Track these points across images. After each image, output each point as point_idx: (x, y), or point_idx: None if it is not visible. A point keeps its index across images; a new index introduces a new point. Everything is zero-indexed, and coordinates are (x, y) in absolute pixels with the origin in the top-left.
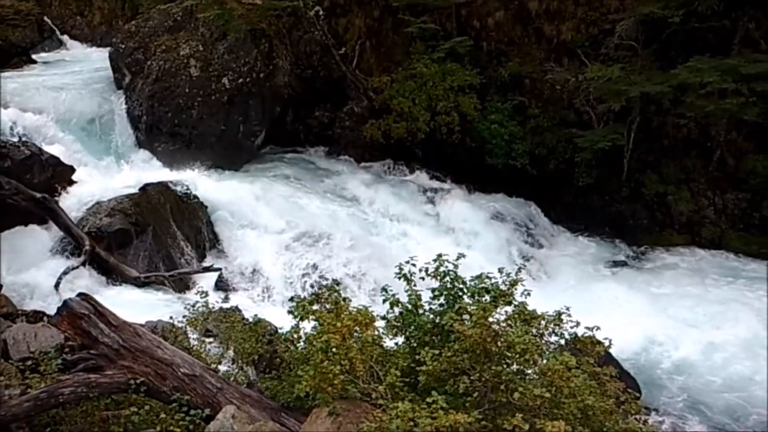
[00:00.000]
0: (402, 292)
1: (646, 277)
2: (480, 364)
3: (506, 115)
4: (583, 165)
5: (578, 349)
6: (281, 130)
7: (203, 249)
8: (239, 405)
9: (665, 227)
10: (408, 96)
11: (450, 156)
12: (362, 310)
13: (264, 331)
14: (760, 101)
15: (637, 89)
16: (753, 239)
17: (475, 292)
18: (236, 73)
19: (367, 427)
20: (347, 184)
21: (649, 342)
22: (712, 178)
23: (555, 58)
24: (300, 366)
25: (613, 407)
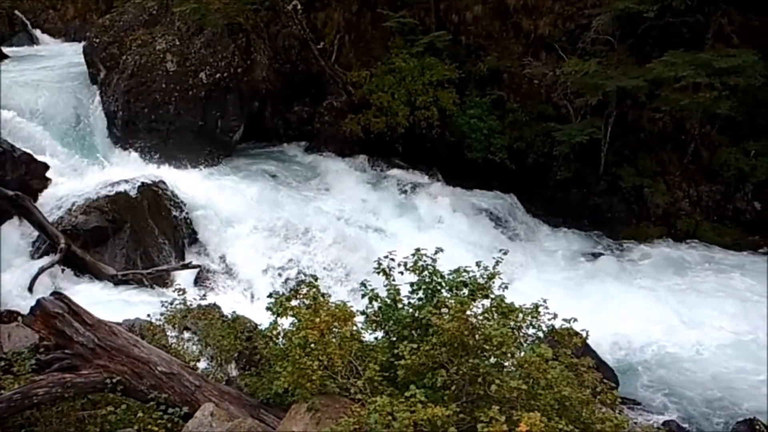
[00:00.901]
0: (381, 286)
1: (624, 269)
2: (458, 357)
3: (485, 109)
4: (561, 159)
5: (556, 340)
6: (260, 125)
7: (182, 246)
8: (218, 402)
9: (642, 219)
10: (387, 90)
11: (430, 150)
12: (340, 306)
13: (243, 327)
14: (733, 95)
15: (614, 83)
16: (726, 231)
17: (453, 286)
18: (213, 67)
19: (346, 422)
20: (327, 179)
21: (628, 333)
22: (686, 170)
23: (533, 53)
24: (278, 362)
25: (589, 398)
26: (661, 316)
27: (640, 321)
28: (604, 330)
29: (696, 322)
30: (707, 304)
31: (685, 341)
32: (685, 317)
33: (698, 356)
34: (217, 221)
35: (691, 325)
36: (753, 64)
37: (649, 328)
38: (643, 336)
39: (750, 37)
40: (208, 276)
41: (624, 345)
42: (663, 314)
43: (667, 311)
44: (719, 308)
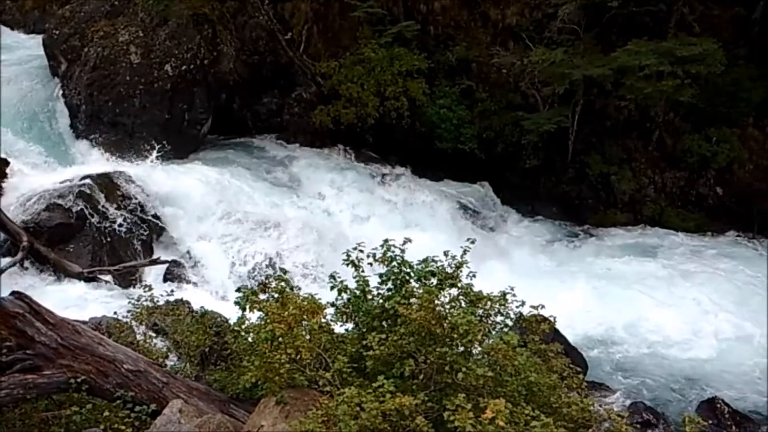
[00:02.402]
0: (351, 278)
1: (593, 255)
2: (425, 346)
3: (454, 99)
4: (529, 147)
5: (525, 327)
6: (228, 117)
7: (150, 242)
8: (186, 399)
9: (609, 206)
10: (356, 81)
11: (400, 141)
12: (309, 298)
13: (212, 323)
14: (695, 83)
15: (580, 72)
16: (690, 216)
17: (422, 276)
18: (179, 59)
19: (314, 415)
20: (297, 171)
21: (598, 318)
22: (651, 157)
23: (501, 42)
24: (246, 357)
25: (556, 382)
26: (629, 300)
27: (609, 306)
28: (574, 315)
29: (664, 306)
30: (675, 288)
31: (654, 326)
32: (653, 302)
33: (666, 340)
34: (186, 216)
35: (659, 309)
36: (713, 52)
37: (618, 312)
38: (613, 321)
39: (710, 26)
40: (177, 271)
41: (593, 330)
42: (631, 299)
43: (636, 296)
44: (687, 293)
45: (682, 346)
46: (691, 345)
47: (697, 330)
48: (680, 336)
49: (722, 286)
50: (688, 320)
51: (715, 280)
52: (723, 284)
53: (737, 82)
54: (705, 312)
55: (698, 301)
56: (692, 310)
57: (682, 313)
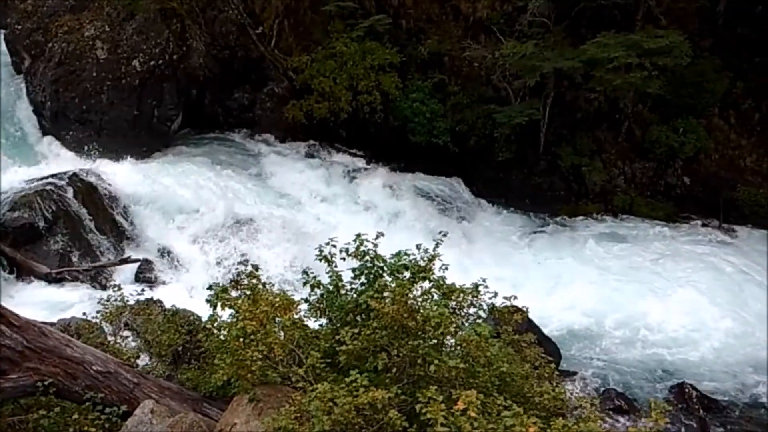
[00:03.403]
0: (324, 273)
1: (565, 246)
2: (398, 339)
3: (427, 93)
4: (502, 140)
5: (498, 318)
6: (199, 113)
7: (121, 240)
8: (158, 399)
9: (581, 197)
10: (329, 76)
11: (373, 135)
12: (281, 295)
13: (183, 321)
14: (662, 74)
15: (551, 65)
16: (659, 205)
17: (395, 270)
18: (147, 55)
19: (287, 411)
20: (270, 166)
21: (571, 308)
22: (621, 148)
23: (472, 36)
24: (218, 355)
25: (528, 372)
26: (602, 289)
27: (582, 295)
28: (548, 305)
29: (637, 294)
30: (647, 277)
31: (627, 314)
32: (625, 290)
33: (639, 328)
34: (158, 213)
35: (631, 297)
36: (679, 44)
37: (590, 301)
38: (586, 309)
39: (676, 18)
40: (149, 270)
41: (567, 319)
42: (604, 288)
43: (608, 285)
44: (658, 280)
45: (654, 333)
46: (663, 332)
47: (670, 317)
48: (652, 323)
49: (693, 274)
50: (661, 308)
51: (686, 267)
52: (694, 271)
53: (702, 73)
54: (677, 299)
55: (670, 289)
56: (664, 297)
57: (654, 300)
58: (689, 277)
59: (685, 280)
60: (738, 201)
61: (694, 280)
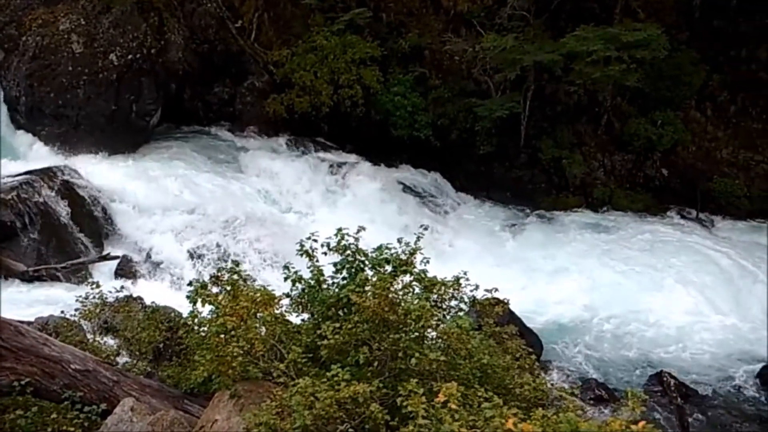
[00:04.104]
0: (306, 268)
1: (546, 238)
2: (379, 333)
3: (408, 86)
4: (483, 134)
5: (480, 311)
6: (179, 107)
7: (100, 237)
8: (138, 396)
9: (561, 190)
10: (309, 69)
11: (355, 129)
12: (262, 290)
13: (164, 318)
14: (640, 67)
15: (531, 58)
16: (638, 197)
17: (376, 264)
18: (124, 48)
19: (268, 406)
20: (252, 161)
21: (553, 299)
22: (601, 141)
23: (453, 29)
24: (198, 351)
25: (509, 363)
26: (583, 280)
27: (563, 286)
28: (530, 297)
29: (619, 285)
30: (628, 268)
31: (608, 305)
32: (607, 281)
33: (620, 319)
34: (137, 210)
35: (613, 288)
36: (657, 37)
37: (572, 292)
38: (567, 300)
39: (654, 11)
40: (129, 267)
41: (549, 311)
42: (585, 279)
43: (590, 276)
44: (639, 272)
45: (635, 324)
46: (644, 322)
47: (651, 308)
48: (633, 314)
49: (674, 265)
50: (642, 299)
51: (667, 258)
52: (674, 262)
53: (680, 66)
54: (659, 290)
55: (651, 280)
56: (646, 288)
57: (635, 291)
58: (669, 268)
59: (665, 271)
60: (714, 192)
61: (674, 271)
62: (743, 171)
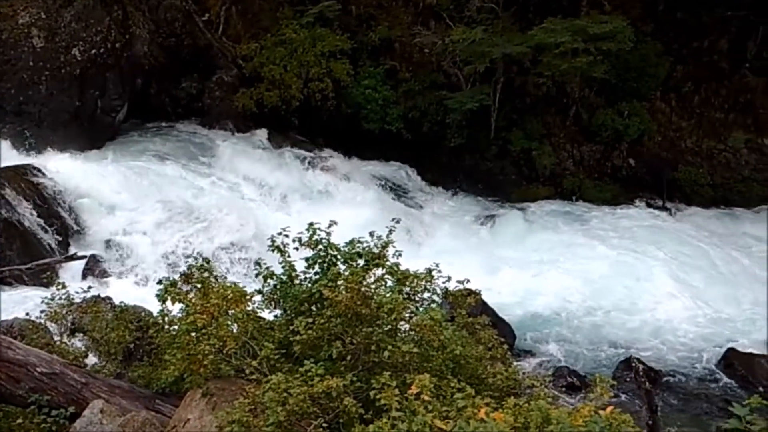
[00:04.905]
0: (278, 264)
1: (516, 228)
2: (352, 327)
3: (379, 79)
4: (454, 126)
5: (453, 302)
6: (146, 103)
7: (66, 237)
8: (108, 398)
9: (531, 180)
10: (279, 63)
11: (326, 123)
12: (233, 287)
13: (133, 317)
14: (606, 59)
15: (500, 50)
16: (606, 186)
17: (349, 258)
18: (88, 43)
19: (240, 404)
20: (221, 156)
21: (525, 289)
22: (569, 132)
23: (422, 22)
24: (168, 350)
25: (482, 354)
26: (555, 270)
27: (535, 275)
28: (502, 286)
29: (589, 273)
30: (598, 256)
31: (579, 293)
32: (578, 270)
33: (592, 306)
34: (105, 208)
35: (584, 277)
36: (623, 29)
37: (544, 281)
38: (539, 289)
39: (620, 3)
40: (97, 267)
41: (523, 300)
42: (557, 268)
43: (561, 265)
44: (609, 260)
45: (608, 312)
46: (617, 310)
47: (624, 296)
48: (607, 302)
49: (645, 253)
50: (616, 287)
51: (638, 246)
52: (646, 251)
53: (645, 58)
54: (632, 278)
55: (625, 268)
56: (619, 277)
57: (606, 279)
58: (640, 257)
59: (638, 260)
60: (679, 181)
61: (645, 259)
62: (707, 160)
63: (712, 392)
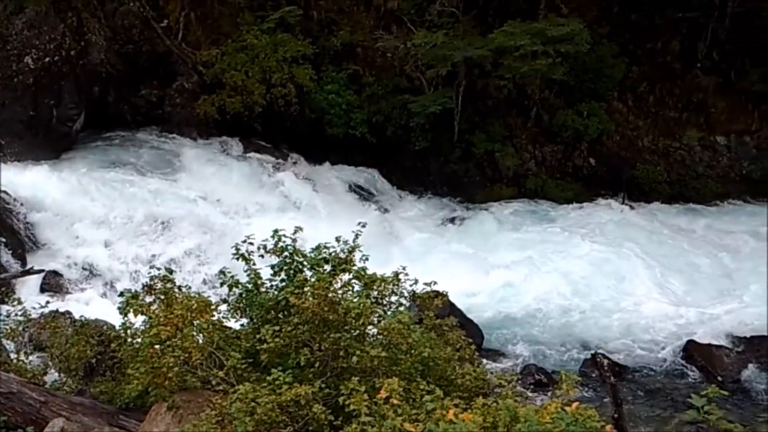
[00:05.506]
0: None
1: (482, 228)
2: (320, 334)
3: (342, 84)
4: (418, 130)
5: (420, 304)
6: (104, 112)
7: (23, 251)
8: (69, 416)
9: (495, 182)
10: (240, 69)
11: (290, 129)
12: (197, 297)
13: (94, 332)
14: (565, 61)
15: (461, 54)
16: (568, 186)
17: (315, 264)
18: (41, 51)
19: (207, 416)
20: (183, 164)
21: (492, 288)
22: (531, 133)
23: (384, 26)
24: (131, 364)
25: (450, 355)
26: (521, 268)
27: (502, 275)
28: (470, 287)
29: (554, 272)
30: (562, 255)
31: (545, 291)
32: (543, 268)
33: (558, 304)
34: (63, 220)
35: (549, 275)
36: (580, 32)
37: (510, 280)
38: (506, 288)
39: (576, 6)
40: (56, 280)
41: (489, 299)
42: (523, 267)
43: (527, 264)
44: (574, 259)
45: (575, 309)
46: (580, 308)
47: (587, 292)
48: (569, 299)
49: (607, 250)
50: (583, 284)
51: (600, 244)
52: (607, 247)
53: (602, 59)
54: (599, 275)
55: (591, 265)
56: (585, 274)
57: (570, 278)
58: (603, 254)
59: (599, 257)
60: (638, 179)
61: (608, 256)
62: (663, 158)
63: (676, 384)
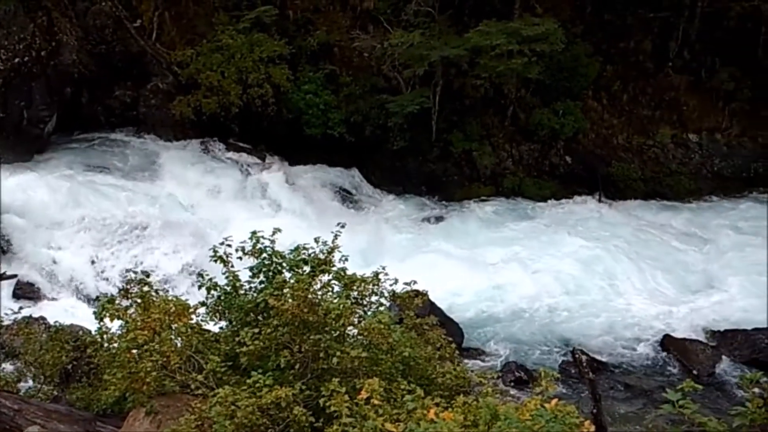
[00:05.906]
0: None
1: (461, 227)
2: (300, 335)
3: (319, 84)
4: (396, 129)
5: (401, 304)
6: (77, 113)
7: None
8: (44, 423)
9: (473, 181)
10: (216, 69)
11: (267, 129)
12: (175, 300)
13: (69, 337)
14: (540, 60)
15: (437, 53)
16: (545, 184)
17: (294, 265)
18: (10, 51)
19: (186, 420)
20: (159, 166)
21: (472, 287)
22: (508, 132)
23: (360, 26)
24: (108, 370)
25: (431, 354)
26: (500, 266)
27: (481, 273)
28: (450, 286)
29: (533, 270)
30: (541, 252)
31: (525, 289)
32: (522, 266)
33: (538, 302)
34: (34, 224)
35: (528, 273)
36: (554, 31)
37: (490, 278)
38: (487, 287)
39: (551, 6)
40: (29, 286)
41: (469, 297)
42: (501, 264)
43: (505, 261)
44: (552, 256)
45: (552, 306)
46: (561, 305)
47: (568, 290)
48: (550, 296)
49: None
50: (557, 282)
51: (577, 240)
52: (585, 244)
53: (576, 58)
54: (580, 272)
55: (566, 262)
56: (559, 272)
57: (550, 275)
58: (590, 250)
59: (586, 254)
60: (613, 176)
61: (594, 253)
62: (637, 155)
63: (655, 378)
